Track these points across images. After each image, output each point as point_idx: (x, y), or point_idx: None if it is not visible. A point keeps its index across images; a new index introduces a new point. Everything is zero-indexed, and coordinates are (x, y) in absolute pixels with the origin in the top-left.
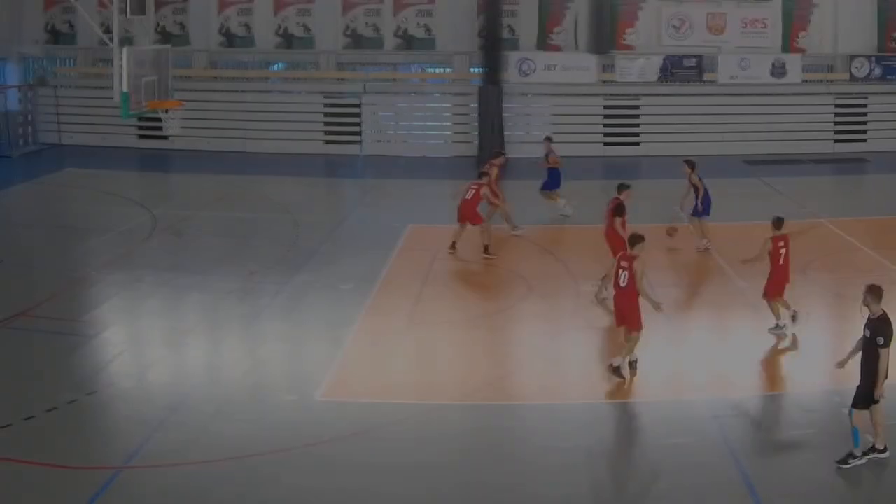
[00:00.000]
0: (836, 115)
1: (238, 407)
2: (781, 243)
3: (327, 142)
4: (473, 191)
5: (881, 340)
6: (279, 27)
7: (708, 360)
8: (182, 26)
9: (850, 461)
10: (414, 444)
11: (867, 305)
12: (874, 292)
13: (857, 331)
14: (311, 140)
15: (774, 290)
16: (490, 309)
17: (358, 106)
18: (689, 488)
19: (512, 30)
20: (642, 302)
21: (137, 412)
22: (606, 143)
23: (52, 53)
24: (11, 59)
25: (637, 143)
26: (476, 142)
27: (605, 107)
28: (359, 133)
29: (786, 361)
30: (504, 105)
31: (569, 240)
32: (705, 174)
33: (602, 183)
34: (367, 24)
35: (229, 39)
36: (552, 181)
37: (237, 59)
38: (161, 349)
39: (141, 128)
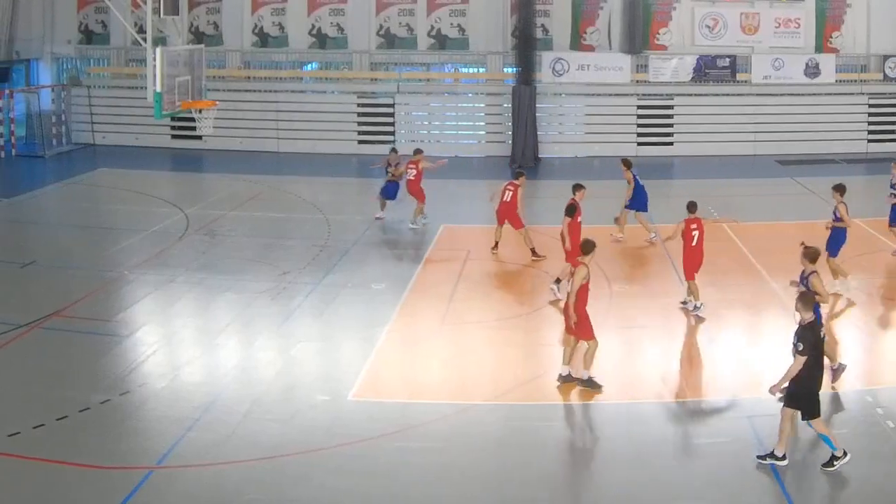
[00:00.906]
0: (870, 115)
1: (270, 407)
2: (694, 226)
3: (361, 142)
4: (511, 192)
5: (800, 346)
6: (313, 27)
7: (742, 361)
8: (215, 26)
9: (835, 463)
10: (446, 444)
11: (798, 311)
12: (803, 299)
13: (887, 330)
14: (345, 140)
15: (690, 271)
16: (522, 309)
17: (391, 106)
18: (723, 487)
19: (545, 30)
20: (589, 311)
21: (170, 412)
22: (640, 143)
23: (84, 53)
24: (44, 60)
25: (671, 143)
26: (509, 142)
27: (639, 107)
28: (392, 133)
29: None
30: (537, 105)
31: (602, 240)
32: (738, 174)
33: None
34: (400, 23)
35: (263, 39)
36: (391, 191)
37: (270, 59)
38: (193, 349)
39: (174, 128)
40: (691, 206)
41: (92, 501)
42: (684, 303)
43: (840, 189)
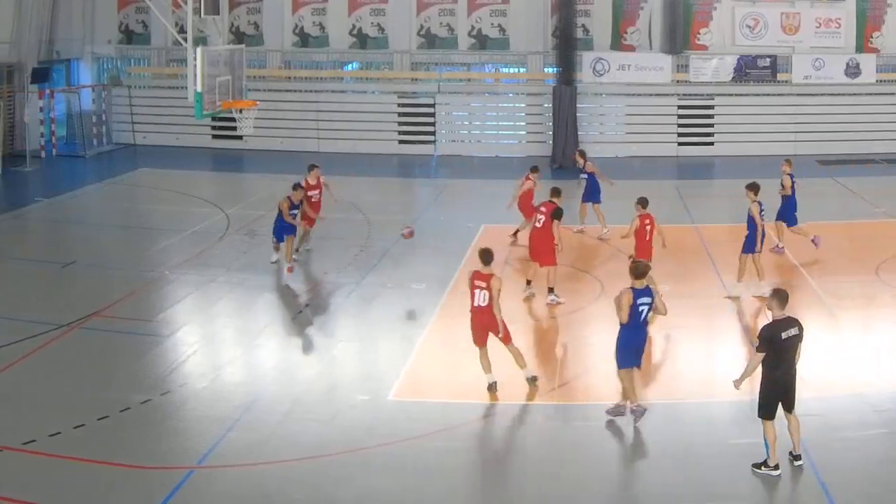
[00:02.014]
0: None
1: (310, 407)
2: (647, 221)
3: (401, 142)
4: (527, 186)
5: (755, 343)
6: (353, 27)
7: None
8: (256, 26)
9: (762, 468)
10: (486, 443)
11: (770, 309)
12: (776, 296)
13: None
14: (385, 140)
15: None
16: (562, 309)
17: (432, 106)
18: (760, 488)
19: (586, 30)
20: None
21: (210, 412)
22: (680, 144)
23: (125, 53)
24: (85, 60)
25: (711, 143)
26: (550, 142)
27: (679, 107)
28: (433, 133)
29: (856, 361)
30: (578, 105)
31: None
32: (778, 174)
33: (676, 183)
34: (441, 23)
35: (303, 39)
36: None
37: (311, 59)
38: (234, 349)
39: (214, 128)
40: (644, 202)
41: (132, 501)
42: None
43: (753, 188)
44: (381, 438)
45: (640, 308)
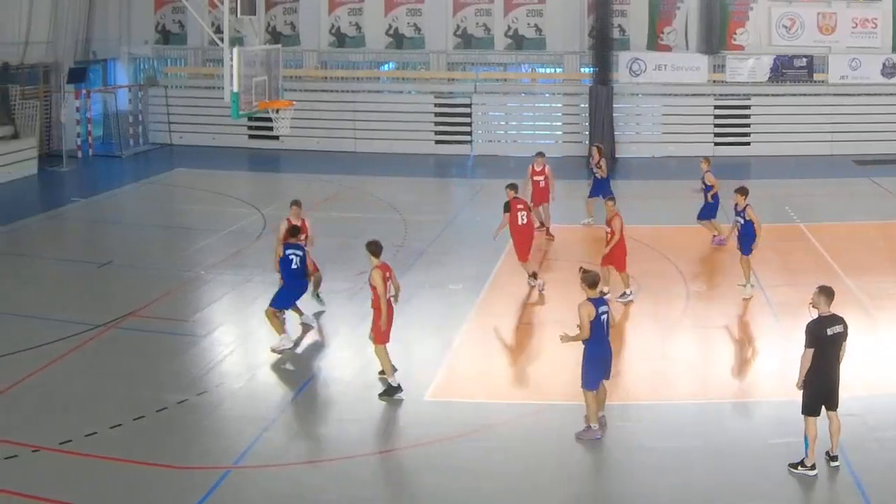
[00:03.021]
0: None
1: (347, 407)
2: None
3: (438, 142)
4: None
5: (806, 339)
6: (389, 27)
7: None
8: (292, 26)
9: (799, 468)
10: (522, 444)
11: (815, 307)
12: (822, 293)
13: None
14: (422, 140)
15: (622, 262)
16: None
17: (468, 106)
18: (797, 488)
19: (622, 30)
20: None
21: (247, 412)
22: (717, 144)
23: (161, 53)
24: (121, 60)
25: (747, 143)
26: (586, 142)
27: (716, 107)
28: (469, 133)
29: (893, 361)
30: (614, 105)
31: (678, 240)
32: (815, 174)
33: None
34: (477, 24)
35: (340, 39)
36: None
37: (347, 59)
38: (270, 349)
39: (251, 128)
40: (611, 199)
41: (169, 501)
42: (623, 295)
43: (744, 192)
44: (417, 438)
45: (602, 317)
